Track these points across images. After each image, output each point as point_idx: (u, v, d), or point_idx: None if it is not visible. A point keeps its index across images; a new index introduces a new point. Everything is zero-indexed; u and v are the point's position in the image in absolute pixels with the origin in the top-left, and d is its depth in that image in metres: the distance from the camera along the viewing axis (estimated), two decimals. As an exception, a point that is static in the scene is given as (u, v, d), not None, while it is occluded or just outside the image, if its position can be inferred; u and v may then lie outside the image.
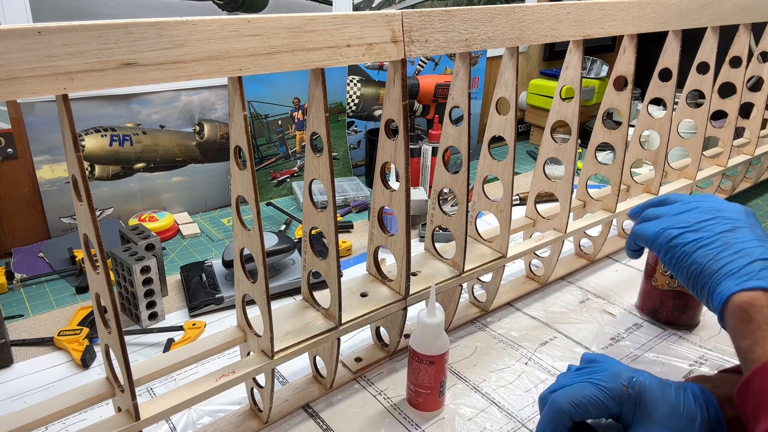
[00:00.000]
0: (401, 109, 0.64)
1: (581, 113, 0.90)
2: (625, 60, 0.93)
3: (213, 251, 1.09)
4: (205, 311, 0.88)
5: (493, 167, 0.81)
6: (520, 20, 0.73)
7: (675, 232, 0.63)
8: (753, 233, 0.60)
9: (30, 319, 0.86)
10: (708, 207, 0.64)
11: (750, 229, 0.60)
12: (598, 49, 1.93)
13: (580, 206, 1.02)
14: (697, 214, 0.63)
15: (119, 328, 0.51)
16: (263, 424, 0.67)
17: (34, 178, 1.07)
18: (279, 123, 1.31)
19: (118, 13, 1.05)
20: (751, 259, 0.56)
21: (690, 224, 0.62)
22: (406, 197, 0.68)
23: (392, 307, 0.72)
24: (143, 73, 0.46)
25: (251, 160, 0.54)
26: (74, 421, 0.68)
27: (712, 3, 0.99)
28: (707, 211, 0.63)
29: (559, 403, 0.56)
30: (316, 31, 0.55)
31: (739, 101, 1.16)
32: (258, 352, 0.63)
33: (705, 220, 0.62)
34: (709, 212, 0.63)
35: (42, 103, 1.03)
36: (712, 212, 0.63)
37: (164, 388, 0.73)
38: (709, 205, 0.64)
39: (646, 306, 0.88)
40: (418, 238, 1.11)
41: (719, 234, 0.60)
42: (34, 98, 0.89)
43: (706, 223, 0.61)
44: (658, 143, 1.05)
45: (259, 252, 0.57)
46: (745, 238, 0.59)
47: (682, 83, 1.08)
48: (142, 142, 1.16)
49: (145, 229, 0.90)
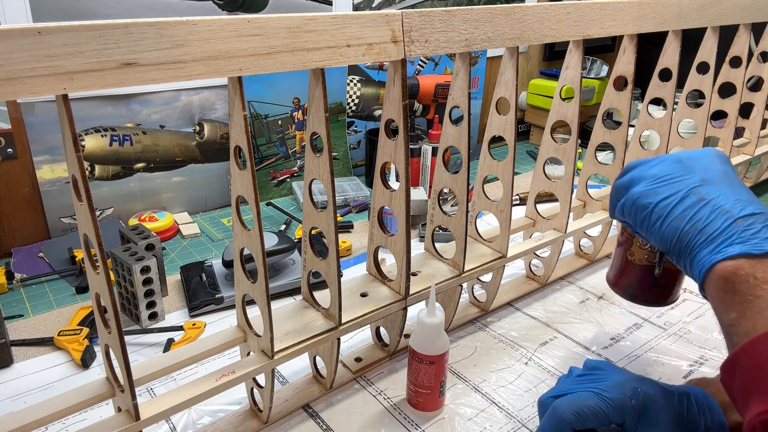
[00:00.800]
0: (401, 109, 0.64)
1: (581, 113, 0.90)
2: (625, 60, 0.93)
3: (213, 251, 1.09)
4: (205, 311, 0.88)
5: (493, 167, 0.81)
6: (520, 20, 0.73)
7: (643, 189, 0.55)
8: (728, 183, 0.53)
9: (30, 319, 0.86)
10: (676, 157, 0.56)
11: (725, 179, 0.53)
12: (598, 49, 1.93)
13: (580, 206, 1.02)
14: (666, 166, 0.55)
15: (119, 328, 0.51)
16: (263, 424, 0.67)
17: (34, 178, 1.06)
18: (279, 123, 1.31)
19: (118, 13, 1.05)
20: (731, 219, 0.50)
21: (657, 178, 0.55)
22: (406, 197, 0.68)
23: (392, 307, 0.72)
24: (143, 73, 0.46)
25: (251, 160, 0.54)
26: (74, 421, 0.68)
27: (712, 3, 0.99)
28: (676, 162, 0.55)
29: (561, 412, 0.55)
30: (316, 31, 0.55)
31: (739, 101, 1.16)
32: (258, 352, 0.63)
33: (674, 174, 0.54)
34: (678, 162, 0.55)
35: (42, 103, 1.03)
36: (681, 162, 0.55)
37: (164, 388, 0.73)
38: (677, 155, 0.56)
39: (621, 282, 0.74)
40: (418, 238, 1.11)
41: (692, 189, 0.52)
42: (34, 98, 0.89)
43: (678, 178, 0.54)
44: (658, 143, 1.05)
45: (259, 252, 0.57)
46: (720, 191, 0.51)
47: (682, 83, 1.08)
48: (142, 142, 1.16)
49: (145, 229, 0.90)
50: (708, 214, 0.51)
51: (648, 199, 0.54)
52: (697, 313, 0.90)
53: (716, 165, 0.54)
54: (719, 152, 0.56)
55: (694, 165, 0.54)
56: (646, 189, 0.55)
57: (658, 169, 0.55)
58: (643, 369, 0.77)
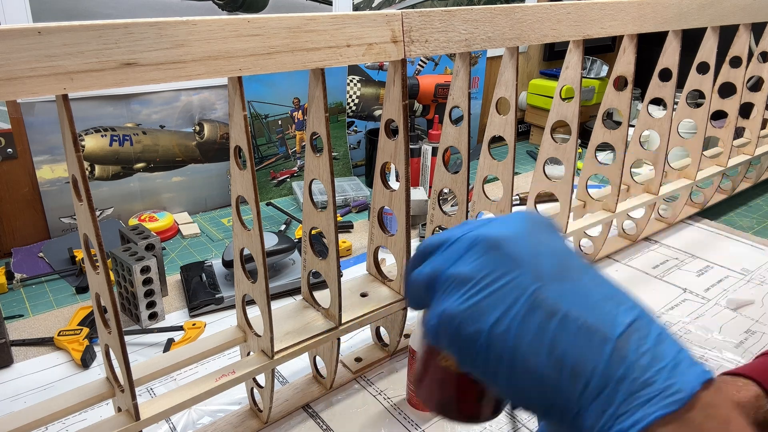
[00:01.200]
0: (401, 109, 0.64)
1: (581, 113, 0.90)
2: (625, 60, 0.93)
3: (213, 251, 1.09)
4: (205, 311, 0.88)
5: (493, 167, 0.81)
6: (520, 20, 0.73)
7: (459, 306, 0.34)
8: (570, 267, 0.34)
9: (30, 319, 0.86)
10: (486, 239, 0.35)
11: (564, 260, 0.34)
12: (598, 49, 1.93)
13: (580, 206, 1.02)
14: (479, 261, 0.34)
15: (119, 328, 0.51)
16: (263, 424, 0.67)
17: (34, 178, 1.06)
18: (279, 123, 1.31)
19: (118, 13, 1.05)
20: (610, 344, 0.30)
21: (473, 282, 0.34)
22: (406, 197, 0.68)
23: (392, 307, 0.72)
24: (143, 73, 0.46)
25: (251, 160, 0.54)
26: (74, 421, 0.68)
27: (712, 3, 0.99)
28: (490, 249, 0.34)
29: None
30: (316, 31, 0.55)
31: (739, 101, 1.16)
32: (258, 352, 0.63)
33: (495, 271, 0.33)
34: (494, 250, 0.34)
35: (42, 103, 1.03)
36: (498, 249, 0.34)
37: (164, 388, 0.73)
38: (485, 234, 0.35)
39: (433, 398, 0.43)
40: (418, 238, 1.11)
41: (532, 296, 0.32)
42: (34, 98, 0.89)
43: (502, 279, 0.33)
44: (658, 143, 1.05)
45: (259, 252, 0.57)
46: (569, 290, 0.33)
47: (682, 83, 1.08)
48: (142, 142, 1.16)
49: (145, 229, 0.90)
50: (572, 342, 0.31)
51: (473, 325, 0.33)
52: (697, 313, 0.90)
53: (543, 242, 0.35)
54: (534, 216, 0.37)
55: (515, 250, 0.34)
56: (464, 306, 0.34)
57: (469, 267, 0.35)
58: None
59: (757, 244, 1.12)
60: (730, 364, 0.77)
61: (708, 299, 0.93)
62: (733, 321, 0.88)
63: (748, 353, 0.80)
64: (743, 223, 1.22)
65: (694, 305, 0.92)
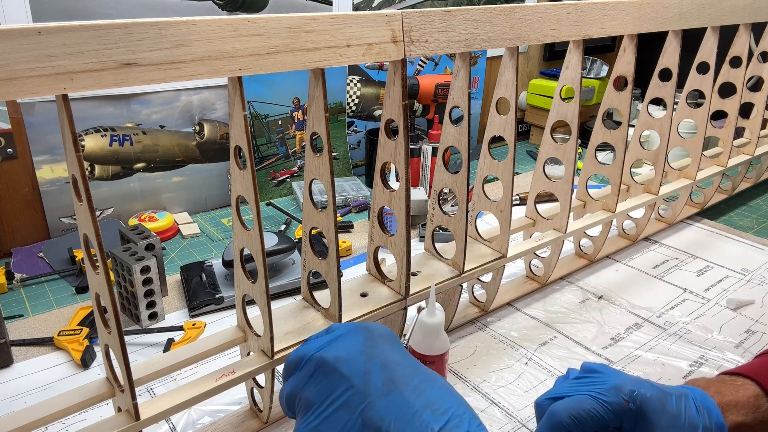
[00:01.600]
0: (401, 109, 0.64)
1: (581, 113, 0.90)
2: (625, 60, 0.93)
3: (213, 251, 1.09)
4: (205, 311, 0.88)
5: (493, 167, 0.81)
6: (520, 20, 0.73)
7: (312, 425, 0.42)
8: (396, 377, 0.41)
9: (30, 319, 0.86)
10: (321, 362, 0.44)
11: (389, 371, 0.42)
12: (598, 49, 1.93)
13: (580, 206, 1.02)
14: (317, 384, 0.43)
15: (119, 328, 0.51)
16: (263, 424, 0.67)
17: (34, 178, 1.06)
18: (279, 123, 1.31)
19: (118, 13, 1.05)
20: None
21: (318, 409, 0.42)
22: (406, 197, 0.68)
23: (392, 307, 0.72)
24: (143, 73, 0.46)
25: (251, 160, 0.54)
26: (74, 421, 0.68)
27: (712, 3, 0.99)
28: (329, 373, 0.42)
29: (558, 415, 0.54)
30: (316, 31, 0.55)
31: (739, 101, 1.16)
32: (258, 352, 0.63)
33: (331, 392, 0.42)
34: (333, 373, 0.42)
35: (42, 103, 1.03)
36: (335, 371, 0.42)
37: (164, 388, 0.73)
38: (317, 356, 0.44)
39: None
40: (418, 238, 1.11)
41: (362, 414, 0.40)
42: (34, 98, 0.89)
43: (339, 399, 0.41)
44: (658, 143, 1.05)
45: (259, 252, 0.57)
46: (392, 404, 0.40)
47: (682, 83, 1.08)
48: (142, 142, 1.16)
49: (145, 229, 0.90)
50: None
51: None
52: (697, 313, 0.90)
53: (376, 356, 0.41)
54: (375, 331, 0.44)
55: (349, 370, 0.41)
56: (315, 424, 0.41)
57: (313, 392, 0.42)
58: (643, 369, 0.77)
59: (757, 244, 1.12)
60: (730, 364, 0.77)
61: (708, 299, 0.93)
62: (733, 321, 0.88)
63: (748, 353, 0.80)
64: (743, 223, 1.22)
65: (694, 305, 0.92)
